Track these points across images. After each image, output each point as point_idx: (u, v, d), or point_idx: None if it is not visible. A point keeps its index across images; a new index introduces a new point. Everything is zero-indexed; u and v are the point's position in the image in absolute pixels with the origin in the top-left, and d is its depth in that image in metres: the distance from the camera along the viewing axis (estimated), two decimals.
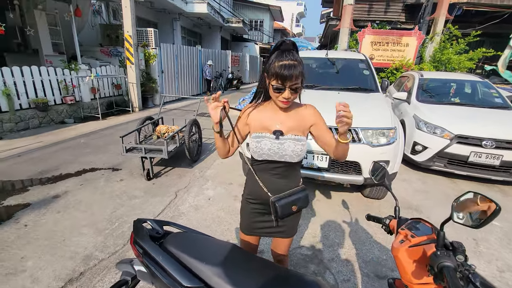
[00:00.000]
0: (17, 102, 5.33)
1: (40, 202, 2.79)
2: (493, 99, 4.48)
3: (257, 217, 1.32)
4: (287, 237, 1.36)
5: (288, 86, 1.08)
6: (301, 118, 1.22)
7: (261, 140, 1.19)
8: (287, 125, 1.20)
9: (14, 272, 1.89)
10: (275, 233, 1.34)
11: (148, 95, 8.34)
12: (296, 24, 39.50)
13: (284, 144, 1.18)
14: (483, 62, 9.80)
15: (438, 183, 3.70)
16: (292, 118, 1.21)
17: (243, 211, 1.37)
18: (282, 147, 1.18)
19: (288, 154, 1.18)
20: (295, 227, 1.37)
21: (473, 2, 8.96)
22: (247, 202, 1.33)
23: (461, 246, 0.79)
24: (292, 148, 1.17)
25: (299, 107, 1.25)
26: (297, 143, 1.18)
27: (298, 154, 1.19)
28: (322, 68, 4.26)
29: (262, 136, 1.20)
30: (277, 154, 1.18)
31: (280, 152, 1.18)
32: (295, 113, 1.23)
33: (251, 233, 1.37)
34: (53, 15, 7.65)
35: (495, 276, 2.06)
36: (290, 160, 1.19)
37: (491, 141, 3.43)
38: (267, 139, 1.19)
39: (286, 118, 1.21)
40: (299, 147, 1.18)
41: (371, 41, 8.33)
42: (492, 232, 2.62)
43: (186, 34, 14.85)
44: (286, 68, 1.05)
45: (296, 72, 1.06)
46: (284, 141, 1.18)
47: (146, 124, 3.90)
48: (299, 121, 1.21)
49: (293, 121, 1.21)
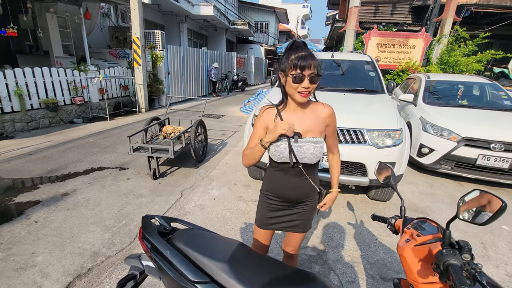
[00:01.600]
0: (29, 102, 5.46)
1: (50, 200, 2.86)
2: (502, 102, 4.42)
3: (273, 212, 1.36)
4: (301, 231, 1.39)
5: (307, 74, 1.10)
6: (318, 118, 1.23)
7: (280, 144, 1.20)
8: (304, 125, 1.21)
9: (25, 267, 1.94)
10: (290, 228, 1.38)
11: (154, 96, 8.45)
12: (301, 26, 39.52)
13: (303, 147, 1.19)
14: (492, 64, 9.66)
15: (445, 186, 3.66)
16: (310, 117, 1.23)
17: (260, 205, 1.41)
18: (301, 150, 1.20)
19: (307, 157, 1.21)
20: (310, 222, 1.40)
21: (482, 4, 8.86)
22: (266, 197, 1.37)
23: (467, 244, 0.79)
24: (312, 151, 1.20)
25: (316, 106, 1.26)
26: (315, 146, 1.20)
27: (316, 156, 1.22)
28: (328, 70, 4.26)
29: (280, 140, 1.20)
30: (297, 157, 1.21)
31: (299, 155, 1.20)
32: (312, 111, 1.24)
33: (265, 227, 1.40)
34: (63, 18, 7.82)
35: (504, 280, 2.03)
36: (309, 162, 1.22)
37: (499, 144, 3.38)
38: (286, 143, 1.20)
39: (304, 117, 1.22)
40: (318, 149, 1.20)
41: (377, 43, 8.29)
42: (500, 236, 2.58)
43: (192, 36, 15.01)
44: (303, 57, 1.10)
45: (313, 61, 1.10)
46: (303, 144, 1.20)
47: (152, 124, 3.95)
48: (316, 121, 1.23)
49: (310, 121, 1.22)
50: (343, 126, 2.65)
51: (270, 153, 1.25)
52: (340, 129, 2.65)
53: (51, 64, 7.20)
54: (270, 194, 1.35)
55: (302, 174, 1.25)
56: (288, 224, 1.37)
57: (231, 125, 6.71)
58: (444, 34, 8.00)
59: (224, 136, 5.69)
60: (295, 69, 1.10)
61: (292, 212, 1.35)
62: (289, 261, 1.54)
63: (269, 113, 1.25)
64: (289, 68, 1.12)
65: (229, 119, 7.44)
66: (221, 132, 5.96)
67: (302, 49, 1.12)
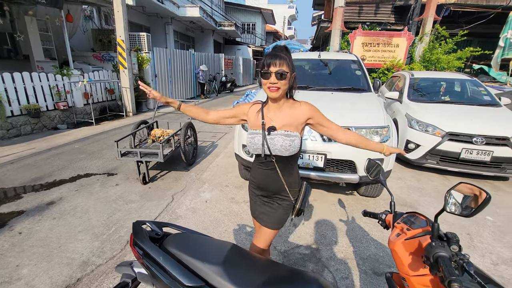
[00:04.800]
0: (9, 109, 5.24)
1: (35, 209, 2.75)
2: (482, 97, 4.60)
3: (255, 201, 1.48)
4: (272, 228, 1.43)
5: (273, 71, 1.19)
6: (295, 114, 1.31)
7: (254, 136, 1.32)
8: (281, 122, 1.30)
9: (9, 281, 1.85)
10: (264, 222, 1.44)
11: (141, 100, 8.30)
12: (288, 26, 39.84)
13: (274, 139, 1.27)
14: (471, 61, 10.04)
15: (432, 180, 3.77)
16: (287, 115, 1.31)
17: (250, 196, 1.54)
18: (273, 142, 1.27)
19: (278, 148, 1.28)
20: (282, 221, 1.44)
21: (460, 3, 9.21)
22: (250, 187, 1.51)
23: (455, 236, 0.81)
24: (281, 143, 1.26)
25: (295, 105, 1.34)
26: (285, 138, 1.27)
27: (286, 149, 1.27)
28: (315, 69, 4.31)
29: (256, 133, 1.32)
30: (270, 149, 1.28)
31: (271, 146, 1.28)
32: (290, 110, 1.32)
33: (255, 217, 1.51)
34: (44, 21, 7.57)
35: (490, 269, 2.11)
36: (280, 153, 1.29)
37: (481, 137, 3.51)
38: (260, 135, 1.30)
39: (282, 115, 1.31)
40: (287, 142, 1.27)
41: (362, 42, 8.46)
42: (485, 226, 2.68)
43: (179, 38, 14.84)
44: (271, 56, 1.21)
45: (279, 59, 1.19)
46: (274, 136, 1.28)
47: (141, 128, 3.88)
48: (293, 118, 1.31)
49: (287, 118, 1.30)
50: None
51: (248, 145, 1.35)
52: None
53: (31, 69, 6.96)
54: (252, 184, 1.48)
55: (274, 166, 1.33)
56: (263, 216, 1.44)
57: (221, 126, 6.68)
58: (426, 32, 8.25)
59: (214, 138, 5.66)
60: (263, 67, 1.23)
61: (266, 206, 1.44)
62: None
63: (253, 108, 1.38)
64: (261, 66, 1.24)
65: None
66: (211, 134, 5.92)
67: (277, 50, 1.23)
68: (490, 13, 9.05)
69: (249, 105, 1.40)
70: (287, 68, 1.21)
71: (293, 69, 1.26)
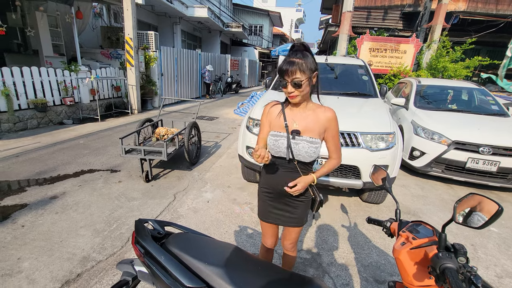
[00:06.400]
0: (16, 103, 5.30)
1: (38, 203, 2.77)
2: (489, 106, 4.54)
3: (270, 204, 1.43)
4: (297, 225, 1.44)
5: (289, 80, 1.16)
6: (318, 120, 1.27)
7: (278, 139, 1.28)
8: (304, 125, 1.27)
9: (10, 273, 1.86)
10: (286, 222, 1.43)
11: (147, 98, 8.35)
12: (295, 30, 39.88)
13: (299, 145, 1.25)
14: (479, 70, 9.96)
15: (436, 189, 3.72)
16: (310, 118, 1.28)
17: (260, 199, 1.49)
18: (297, 147, 1.25)
19: (301, 155, 1.26)
20: (304, 217, 1.44)
21: (469, 11, 9.15)
22: (262, 191, 1.45)
23: (463, 248, 0.80)
24: (306, 150, 1.25)
25: (319, 108, 1.30)
26: (310, 146, 1.24)
27: (311, 156, 1.26)
28: (321, 73, 4.26)
29: (279, 135, 1.28)
30: (293, 153, 1.26)
31: (295, 151, 1.25)
32: (313, 113, 1.28)
33: (266, 220, 1.47)
34: (54, 17, 7.67)
35: (494, 282, 2.07)
36: (303, 160, 1.27)
37: (488, 147, 3.47)
38: (284, 138, 1.26)
39: (304, 117, 1.28)
40: (312, 149, 1.25)
41: (369, 48, 8.43)
42: (490, 238, 2.63)
43: (186, 38, 14.94)
44: (286, 63, 1.16)
45: (294, 67, 1.14)
46: (299, 141, 1.25)
47: (145, 126, 3.90)
48: (315, 123, 1.27)
49: (310, 121, 1.27)
50: None
51: (269, 147, 1.31)
52: (340, 133, 2.67)
53: (40, 64, 7.04)
54: (266, 187, 1.42)
55: (296, 170, 1.31)
56: (284, 218, 1.42)
57: (225, 127, 6.69)
58: (434, 40, 8.21)
59: (218, 138, 5.66)
60: (279, 74, 1.20)
61: (287, 207, 1.41)
62: (288, 257, 1.60)
63: (274, 109, 1.34)
64: (278, 71, 1.21)
65: (223, 121, 7.41)
66: (214, 134, 5.92)
67: (293, 53, 1.19)
68: (500, 22, 8.98)
69: (267, 108, 1.36)
70: (303, 74, 1.15)
71: (315, 68, 1.19)
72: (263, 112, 1.38)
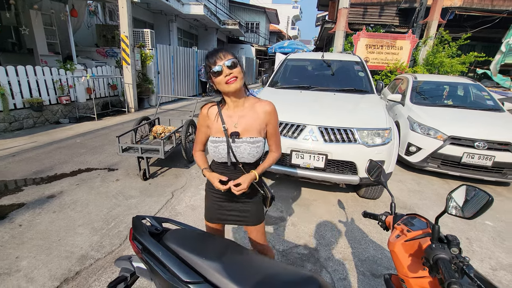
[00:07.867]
0: (12, 102, 5.26)
1: (35, 202, 2.76)
2: (485, 102, 4.57)
3: (218, 205, 1.37)
4: (255, 224, 1.39)
5: (223, 64, 1.12)
6: (257, 116, 1.24)
7: (218, 145, 1.23)
8: (244, 124, 1.22)
9: (9, 272, 1.86)
10: (243, 222, 1.38)
11: (144, 96, 8.31)
12: (291, 27, 39.79)
13: (240, 147, 1.21)
14: (475, 66, 10.01)
15: (432, 184, 3.76)
16: (250, 117, 1.23)
17: (206, 200, 1.43)
18: (239, 150, 1.21)
19: (245, 157, 1.22)
20: (261, 214, 1.40)
21: (465, 7, 9.17)
22: (211, 192, 1.38)
23: (456, 239, 0.81)
24: (248, 151, 1.21)
25: (257, 103, 1.26)
26: (252, 146, 1.21)
27: (254, 156, 1.23)
28: (318, 70, 4.30)
29: (219, 141, 1.23)
30: (236, 157, 1.22)
31: (237, 154, 1.22)
32: (251, 110, 1.24)
33: (213, 221, 1.42)
34: (49, 15, 7.58)
35: (488, 274, 2.10)
36: (248, 161, 1.24)
37: (483, 142, 3.50)
38: (224, 143, 1.21)
39: (243, 116, 1.23)
40: (254, 149, 1.21)
41: (366, 44, 8.43)
42: (485, 231, 2.67)
43: (182, 36, 14.84)
44: (211, 54, 1.14)
45: (221, 51, 1.13)
46: (240, 144, 1.21)
47: (142, 124, 3.89)
48: (255, 120, 1.23)
49: (249, 119, 1.23)
50: (334, 125, 2.69)
51: (210, 153, 1.28)
52: (331, 128, 2.69)
53: (35, 63, 6.97)
54: (213, 190, 1.35)
55: (242, 172, 1.26)
56: (239, 218, 1.38)
57: None
58: (430, 36, 8.22)
59: None
60: (210, 64, 1.14)
61: (239, 206, 1.36)
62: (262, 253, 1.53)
63: (211, 111, 1.27)
64: (208, 69, 1.16)
65: None
66: None
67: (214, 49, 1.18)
68: (495, 17, 9.01)
69: (206, 109, 1.28)
70: (234, 57, 1.14)
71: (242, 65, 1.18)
72: (200, 114, 1.30)
